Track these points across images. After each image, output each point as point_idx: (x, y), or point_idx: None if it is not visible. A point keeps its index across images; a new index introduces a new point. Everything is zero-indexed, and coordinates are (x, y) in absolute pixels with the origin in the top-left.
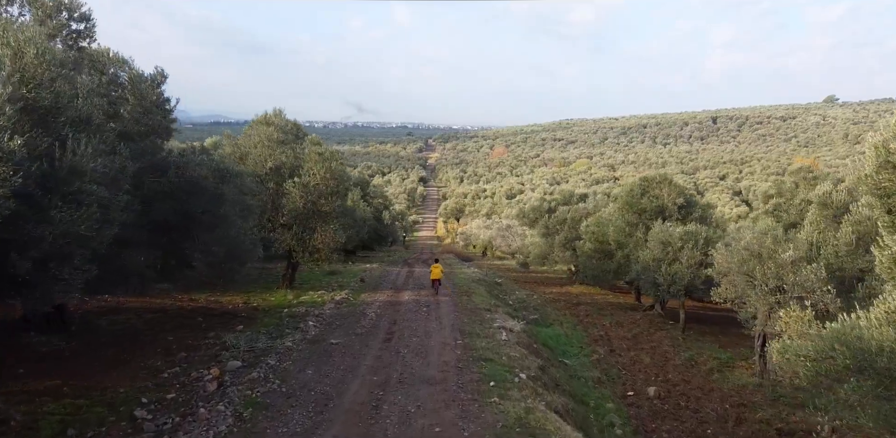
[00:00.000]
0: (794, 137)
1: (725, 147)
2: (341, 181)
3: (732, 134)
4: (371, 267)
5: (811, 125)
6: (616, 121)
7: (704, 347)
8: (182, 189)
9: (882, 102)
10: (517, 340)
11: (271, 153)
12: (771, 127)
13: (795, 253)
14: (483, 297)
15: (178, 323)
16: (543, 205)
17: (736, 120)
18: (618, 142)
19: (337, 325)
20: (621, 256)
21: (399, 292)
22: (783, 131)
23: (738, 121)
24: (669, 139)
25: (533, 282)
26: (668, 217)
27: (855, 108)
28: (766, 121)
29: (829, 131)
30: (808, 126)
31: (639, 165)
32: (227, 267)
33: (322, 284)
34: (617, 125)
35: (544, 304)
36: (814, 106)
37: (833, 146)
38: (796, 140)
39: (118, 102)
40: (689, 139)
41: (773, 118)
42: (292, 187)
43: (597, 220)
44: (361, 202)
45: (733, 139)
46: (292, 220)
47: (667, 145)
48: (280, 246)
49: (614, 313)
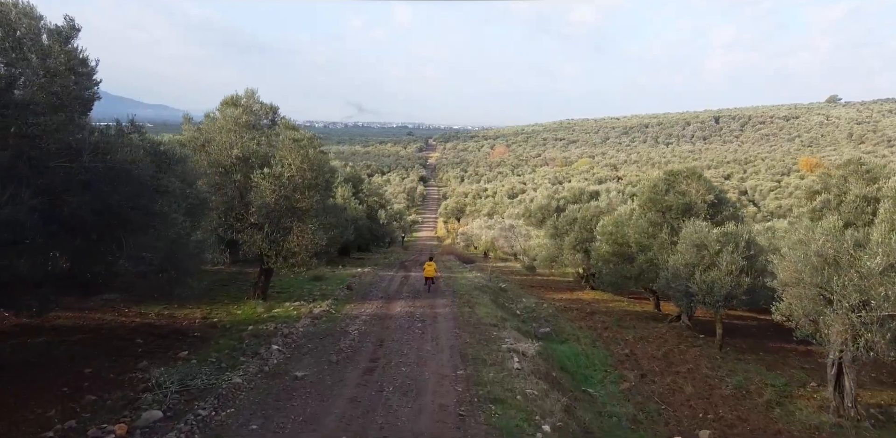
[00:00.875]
0: (797, 137)
1: (728, 147)
2: (321, 172)
3: (735, 133)
4: (362, 272)
5: (814, 125)
6: (617, 121)
7: (750, 369)
8: (103, 177)
9: (885, 102)
10: (532, 368)
11: (238, 139)
12: (774, 126)
13: (886, 259)
14: (488, 308)
15: (109, 348)
16: (551, 203)
17: (738, 119)
18: (619, 142)
19: (309, 349)
20: (643, 260)
21: (390, 302)
22: (786, 131)
23: (740, 120)
24: (672, 139)
25: (540, 287)
26: (695, 215)
27: (858, 108)
28: (768, 121)
29: (833, 131)
30: (812, 126)
31: (641, 165)
32: (164, 277)
33: (302, 292)
34: (618, 125)
35: (556, 314)
36: (816, 106)
37: (837, 146)
38: (800, 140)
39: (16, 63)
40: (692, 139)
41: (776, 118)
42: (261, 179)
43: (614, 220)
44: (353, 199)
45: (736, 139)
46: (263, 219)
47: (669, 145)
48: (249, 249)
49: (635, 325)
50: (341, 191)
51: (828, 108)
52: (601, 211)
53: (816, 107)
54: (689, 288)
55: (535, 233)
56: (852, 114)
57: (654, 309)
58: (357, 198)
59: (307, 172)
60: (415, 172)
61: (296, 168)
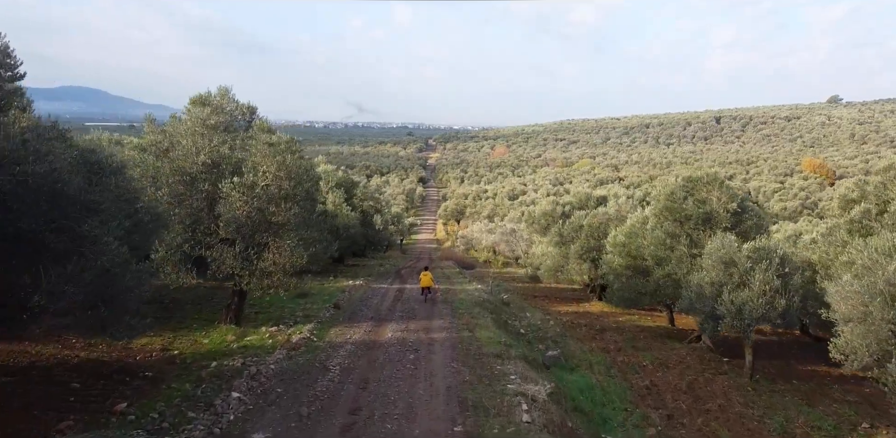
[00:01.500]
0: (799, 137)
1: (730, 147)
2: (300, 181)
3: (736, 134)
4: (353, 285)
5: (816, 125)
6: (618, 121)
7: (788, 404)
8: (13, 194)
9: (886, 102)
10: (545, 419)
11: (207, 143)
12: (775, 127)
13: None
14: (490, 332)
15: (35, 396)
16: (556, 209)
17: (739, 120)
18: (620, 142)
19: (277, 395)
20: (661, 275)
21: (381, 325)
22: (788, 131)
23: (741, 121)
24: (672, 139)
25: (544, 298)
26: (716, 225)
27: (860, 108)
28: (770, 121)
29: (835, 131)
30: (814, 126)
31: (643, 165)
32: (93, 315)
33: (283, 313)
34: (619, 125)
35: (564, 333)
36: (817, 106)
37: (840, 146)
38: (802, 140)
39: None
40: (693, 139)
41: (778, 118)
42: (231, 189)
43: (627, 230)
44: (345, 206)
45: (737, 139)
46: (234, 234)
47: (670, 145)
48: (219, 268)
49: (651, 345)
50: (332, 198)
51: (829, 109)
52: (610, 218)
53: (818, 108)
54: (717, 311)
55: (538, 239)
56: (854, 114)
57: (668, 324)
58: (350, 203)
59: (284, 181)
60: (414, 173)
61: (271, 176)
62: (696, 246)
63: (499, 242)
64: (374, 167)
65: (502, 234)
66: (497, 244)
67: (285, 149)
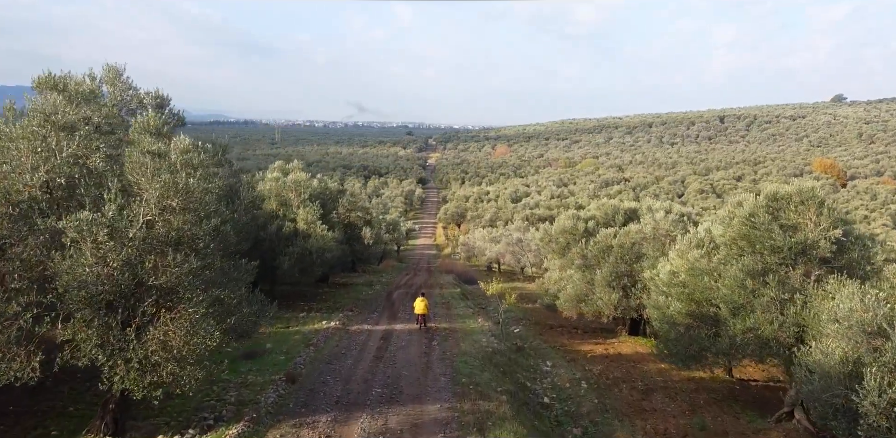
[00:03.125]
0: (805, 137)
1: (735, 147)
2: (211, 213)
3: (741, 133)
4: (325, 330)
5: (822, 124)
6: (620, 121)
7: None
8: None
9: (892, 102)
10: None
11: (51, 154)
12: (781, 126)
13: None
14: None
15: None
16: (578, 225)
17: (744, 119)
18: (623, 142)
19: None
20: (740, 330)
21: (348, 419)
22: (793, 131)
23: (745, 120)
24: (676, 139)
25: (563, 330)
26: (811, 260)
27: (865, 107)
28: (775, 121)
29: (842, 130)
30: (819, 125)
31: (648, 165)
32: None
33: (206, 399)
34: (621, 124)
35: (601, 400)
36: (822, 105)
37: (848, 146)
38: (808, 139)
39: None
40: (697, 139)
41: (783, 117)
42: (74, 232)
43: (689, 267)
44: (319, 224)
45: (742, 138)
46: (84, 304)
47: (674, 145)
48: (73, 354)
49: (718, 415)
50: (304, 214)
51: (834, 108)
52: (645, 236)
53: (822, 107)
54: (861, 406)
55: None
56: (860, 113)
57: (726, 374)
58: (328, 220)
59: (177, 215)
60: (413, 174)
61: (153, 207)
62: (784, 287)
63: (504, 253)
64: (372, 167)
65: (507, 244)
66: (502, 255)
67: (187, 162)
